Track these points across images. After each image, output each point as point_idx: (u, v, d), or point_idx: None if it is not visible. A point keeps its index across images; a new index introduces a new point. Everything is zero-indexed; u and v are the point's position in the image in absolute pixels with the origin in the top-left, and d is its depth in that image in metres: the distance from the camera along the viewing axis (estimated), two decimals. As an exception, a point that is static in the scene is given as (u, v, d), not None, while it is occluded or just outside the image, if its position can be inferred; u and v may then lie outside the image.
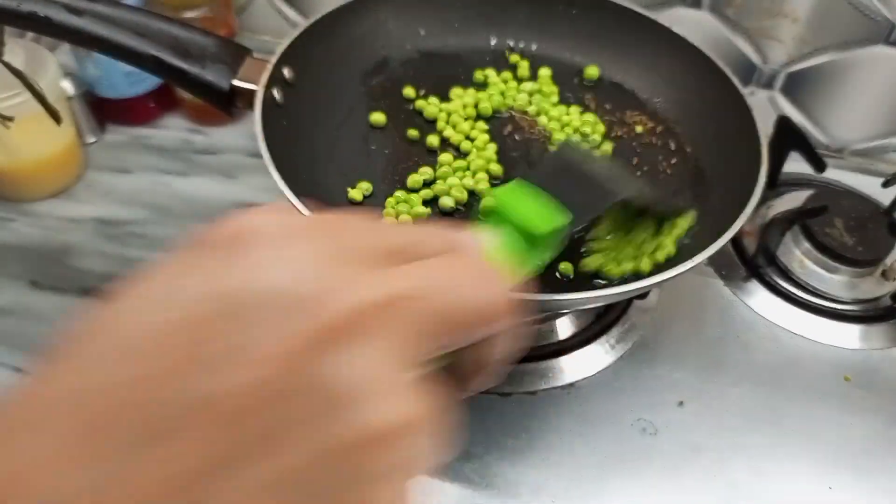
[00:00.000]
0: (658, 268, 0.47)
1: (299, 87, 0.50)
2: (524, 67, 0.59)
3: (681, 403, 0.50)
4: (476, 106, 0.55)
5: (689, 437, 0.48)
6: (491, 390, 0.49)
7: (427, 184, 0.50)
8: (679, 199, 0.49)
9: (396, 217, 0.48)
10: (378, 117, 0.54)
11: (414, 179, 0.50)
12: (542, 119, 0.55)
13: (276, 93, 0.47)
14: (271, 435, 0.14)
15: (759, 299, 0.57)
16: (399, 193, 0.49)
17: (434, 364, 0.18)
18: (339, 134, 0.53)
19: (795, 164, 0.60)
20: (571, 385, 0.50)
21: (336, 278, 0.16)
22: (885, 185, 0.60)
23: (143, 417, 0.14)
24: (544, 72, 0.59)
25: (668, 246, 0.46)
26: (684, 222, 0.48)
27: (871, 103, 0.68)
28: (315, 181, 0.49)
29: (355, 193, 0.49)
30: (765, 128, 0.49)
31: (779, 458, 0.48)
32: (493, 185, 0.50)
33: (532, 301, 0.41)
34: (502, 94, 0.57)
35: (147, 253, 0.60)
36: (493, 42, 0.62)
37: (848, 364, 0.53)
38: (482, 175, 0.50)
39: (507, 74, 0.59)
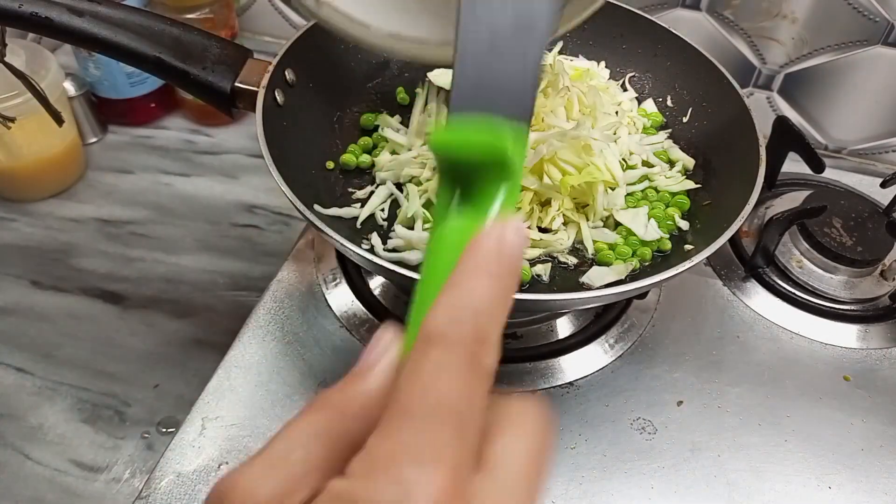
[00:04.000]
0: (657, 267, 0.47)
1: (300, 88, 0.50)
2: None
3: (680, 403, 0.50)
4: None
5: (689, 437, 0.48)
6: (490, 389, 0.49)
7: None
8: None
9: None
10: (370, 118, 0.55)
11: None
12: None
13: (277, 94, 0.47)
14: None
15: (758, 299, 0.57)
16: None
17: None
18: (341, 134, 0.54)
19: (794, 165, 0.60)
20: (571, 384, 0.50)
21: None
22: (884, 185, 0.60)
23: None
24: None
25: None
26: None
27: (870, 104, 0.68)
28: (315, 181, 0.50)
29: (361, 193, 0.50)
30: (763, 128, 0.49)
31: (778, 458, 0.48)
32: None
33: (531, 301, 0.42)
34: None
35: (148, 253, 0.60)
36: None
37: (847, 364, 0.53)
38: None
39: None
